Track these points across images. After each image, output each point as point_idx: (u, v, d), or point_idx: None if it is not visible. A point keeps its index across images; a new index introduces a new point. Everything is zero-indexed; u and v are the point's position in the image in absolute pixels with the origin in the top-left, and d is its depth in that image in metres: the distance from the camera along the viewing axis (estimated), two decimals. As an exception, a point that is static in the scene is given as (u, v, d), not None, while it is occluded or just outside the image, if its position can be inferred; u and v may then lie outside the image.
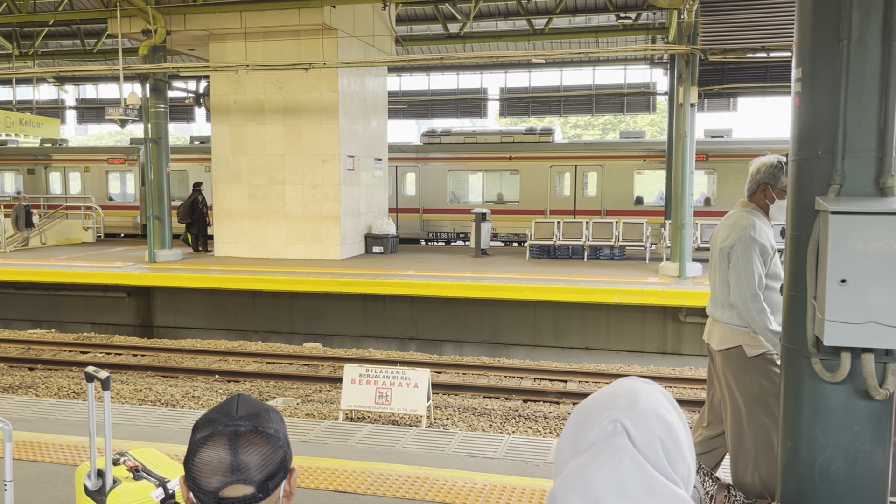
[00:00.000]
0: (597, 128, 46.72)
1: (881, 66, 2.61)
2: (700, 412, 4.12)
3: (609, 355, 12.11)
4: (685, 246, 12.41)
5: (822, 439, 2.75)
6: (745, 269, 3.48)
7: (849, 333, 2.55)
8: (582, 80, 19.32)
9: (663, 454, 1.04)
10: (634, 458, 1.02)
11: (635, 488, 1.01)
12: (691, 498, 3.10)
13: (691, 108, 12.06)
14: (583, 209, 18.85)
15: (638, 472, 1.01)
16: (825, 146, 2.70)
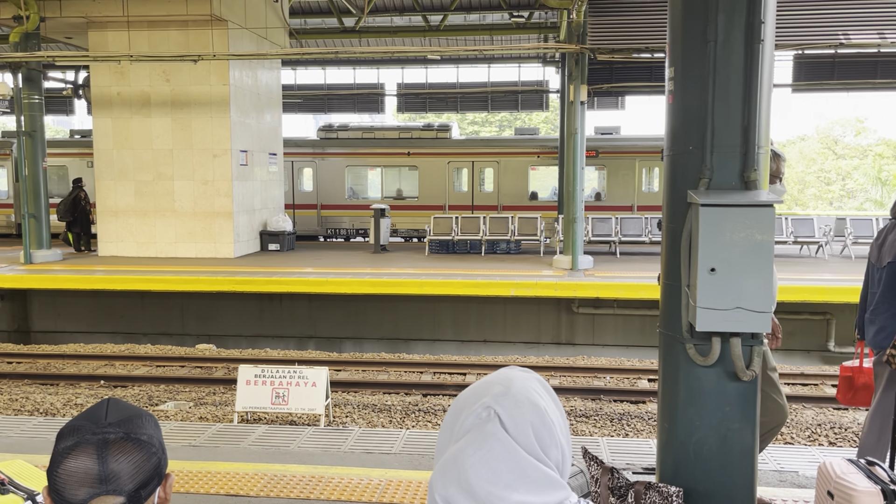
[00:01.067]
0: (493, 124, 47.44)
1: (745, 67, 2.77)
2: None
3: (507, 347, 12.35)
4: (577, 239, 12.80)
5: (697, 420, 2.90)
6: None
7: (718, 319, 2.71)
8: (478, 78, 19.58)
9: (535, 439, 1.06)
10: (506, 443, 1.04)
11: (506, 472, 1.03)
12: (578, 481, 3.20)
13: (581, 106, 12.44)
14: (480, 204, 19.12)
15: (509, 457, 1.04)
16: (695, 142, 2.84)
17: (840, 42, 11.08)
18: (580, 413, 8.72)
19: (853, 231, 14.28)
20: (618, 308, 11.86)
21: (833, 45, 11.49)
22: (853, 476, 2.81)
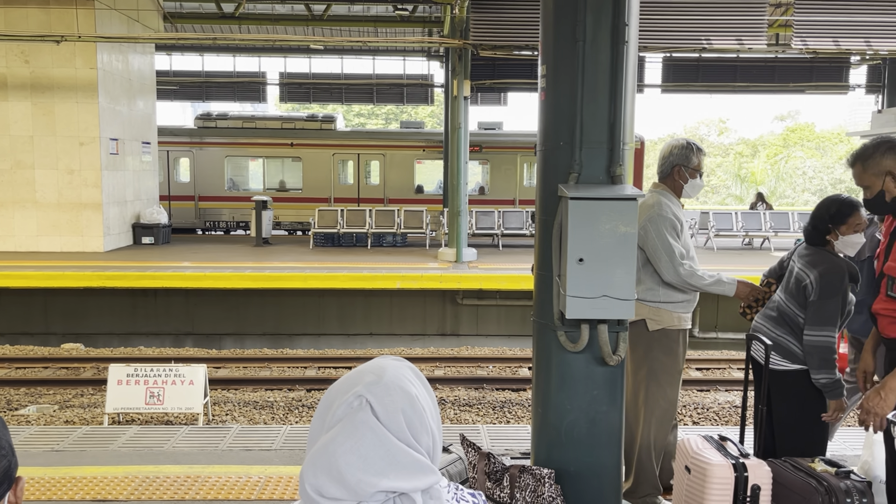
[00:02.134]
0: (380, 117, 47.29)
1: (611, 66, 2.91)
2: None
3: (393, 340, 12.39)
4: (461, 232, 13.00)
5: (568, 404, 3.03)
6: (662, 244, 3.56)
7: (586, 307, 2.84)
8: (363, 69, 19.38)
9: (406, 425, 1.09)
10: (377, 430, 1.06)
11: (377, 458, 1.05)
12: (457, 467, 3.25)
13: (465, 101, 12.62)
14: (366, 197, 19.03)
15: (380, 444, 1.05)
16: (566, 138, 2.96)
17: (703, 47, 11.82)
18: (463, 402, 8.88)
19: (716, 224, 15.28)
20: (500, 299, 12.15)
21: (697, 49, 12.24)
22: (708, 452, 3.02)
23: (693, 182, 3.72)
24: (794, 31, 11.55)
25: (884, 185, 2.66)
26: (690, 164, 3.71)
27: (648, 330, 3.65)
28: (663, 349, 3.65)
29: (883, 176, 2.65)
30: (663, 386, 3.66)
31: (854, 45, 11.73)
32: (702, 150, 3.78)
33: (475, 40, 11.69)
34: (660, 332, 3.64)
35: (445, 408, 8.70)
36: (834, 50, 12.01)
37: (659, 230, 3.56)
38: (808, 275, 3.26)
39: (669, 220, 3.58)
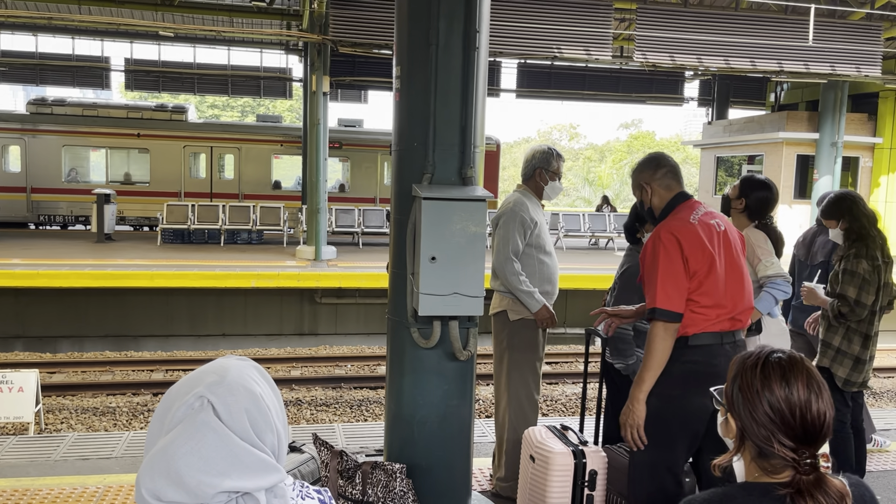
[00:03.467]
0: (236, 109, 45.69)
1: (463, 71, 3.00)
2: None
3: (247, 340, 12.03)
4: (320, 230, 12.84)
5: (420, 399, 3.09)
6: (503, 237, 3.77)
7: (438, 304, 2.91)
8: (218, 60, 18.61)
9: (250, 425, 1.08)
10: (219, 430, 1.05)
11: (219, 459, 1.03)
12: (309, 467, 3.21)
13: (324, 97, 12.47)
14: (220, 192, 18.31)
15: (222, 444, 1.04)
16: (420, 139, 3.02)
17: (555, 55, 12.38)
18: (321, 402, 8.79)
19: (565, 225, 16.03)
20: (360, 297, 12.12)
21: (549, 57, 12.80)
22: (551, 441, 3.19)
23: (552, 185, 3.95)
24: (636, 45, 12.37)
25: (641, 195, 2.93)
26: (550, 168, 3.93)
27: (510, 320, 3.80)
28: (524, 339, 3.81)
29: (639, 188, 2.92)
30: (525, 374, 3.82)
31: (688, 61, 12.73)
32: (561, 155, 4.02)
33: (335, 36, 11.58)
34: (520, 322, 3.78)
35: (302, 408, 8.57)
36: (670, 64, 12.97)
37: (507, 225, 3.77)
38: (617, 272, 3.64)
39: (520, 219, 3.76)
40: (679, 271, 2.65)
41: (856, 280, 3.74)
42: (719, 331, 2.69)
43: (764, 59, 12.68)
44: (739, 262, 2.78)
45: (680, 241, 2.65)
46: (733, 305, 2.71)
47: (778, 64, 12.75)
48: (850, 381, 3.88)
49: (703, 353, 2.67)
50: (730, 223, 2.85)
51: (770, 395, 1.34)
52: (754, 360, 1.41)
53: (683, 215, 2.74)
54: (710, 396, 2.47)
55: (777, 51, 12.63)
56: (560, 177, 3.98)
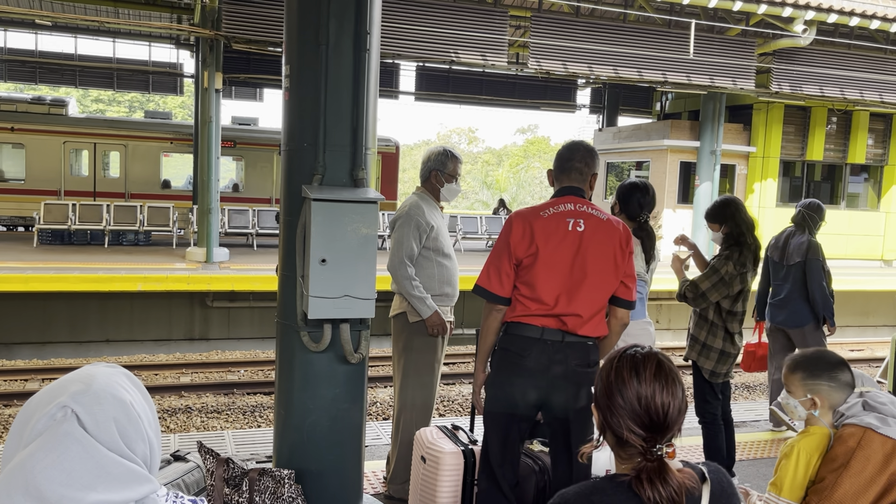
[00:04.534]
0: (123, 105, 43.58)
1: (354, 72, 2.98)
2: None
3: (134, 346, 11.49)
4: (212, 231, 12.43)
5: (310, 403, 3.05)
6: (397, 240, 3.74)
7: (328, 307, 2.88)
8: (102, 52, 17.68)
9: (119, 435, 1.04)
10: (84, 441, 1.00)
11: (84, 472, 0.99)
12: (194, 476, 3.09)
13: (217, 94, 12.09)
14: (104, 191, 17.38)
15: (87, 456, 1.00)
16: (310, 139, 2.98)
17: (452, 59, 12.52)
18: (212, 409, 8.51)
19: (463, 227, 16.23)
20: (254, 300, 11.82)
21: (447, 61, 12.93)
22: (441, 441, 3.22)
23: (449, 187, 3.94)
24: (531, 52, 12.69)
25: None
26: (446, 170, 3.92)
27: (409, 322, 3.80)
28: (422, 341, 3.82)
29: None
30: (422, 375, 3.82)
31: (579, 70, 13.18)
32: (458, 157, 4.01)
33: (228, 32, 11.25)
34: (419, 323, 3.79)
35: (192, 416, 8.27)
36: (563, 72, 13.38)
37: (402, 228, 3.77)
38: None
39: (415, 222, 3.76)
40: (503, 255, 2.75)
41: (714, 277, 4.03)
42: (541, 326, 2.69)
43: (650, 70, 13.29)
44: (590, 268, 2.70)
45: (513, 227, 2.75)
46: (561, 306, 2.67)
47: (662, 75, 13.41)
48: (716, 372, 4.16)
49: (516, 344, 2.72)
50: (607, 229, 2.76)
51: (622, 386, 1.45)
52: (613, 355, 1.53)
53: (542, 206, 2.81)
54: (518, 388, 2.65)
55: (662, 62, 13.28)
56: (457, 179, 3.97)
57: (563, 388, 2.70)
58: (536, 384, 2.70)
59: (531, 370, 2.69)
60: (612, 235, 2.78)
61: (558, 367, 2.69)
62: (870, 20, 12.99)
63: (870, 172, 17.35)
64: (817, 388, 2.33)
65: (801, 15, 12.61)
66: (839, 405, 2.31)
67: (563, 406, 2.71)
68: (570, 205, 2.79)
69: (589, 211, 2.80)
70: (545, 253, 2.69)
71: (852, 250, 16.93)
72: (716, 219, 4.23)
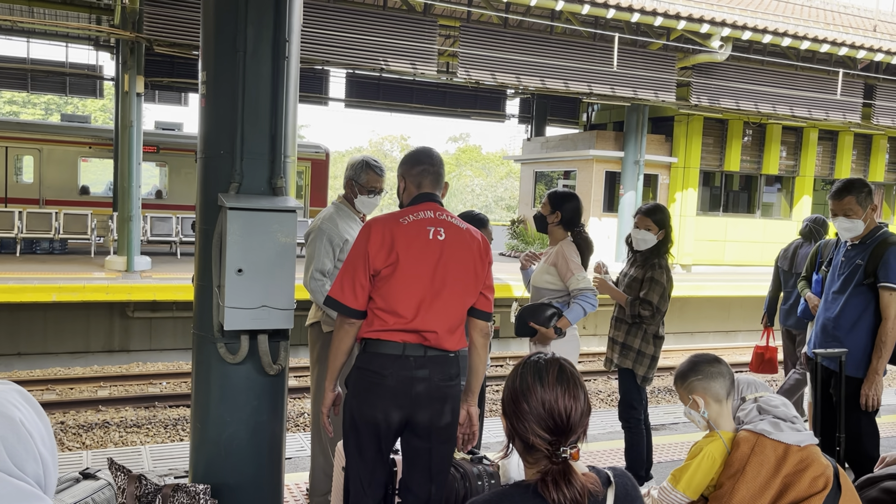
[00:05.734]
0: (39, 107, 41.78)
1: (272, 79, 2.95)
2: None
3: (48, 359, 11.00)
4: (133, 239, 12.03)
5: (228, 416, 2.99)
6: (309, 254, 3.68)
7: (246, 318, 2.83)
8: (15, 52, 16.91)
9: (6, 453, 1.00)
10: None
11: None
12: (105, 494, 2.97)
13: (138, 98, 11.74)
14: (17, 197, 16.59)
15: None
16: (227, 147, 2.92)
17: (382, 67, 12.51)
18: (131, 423, 8.22)
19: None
20: (177, 310, 11.48)
21: (376, 69, 12.91)
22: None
23: (362, 198, 3.80)
24: (460, 61, 12.80)
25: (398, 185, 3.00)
26: (359, 181, 3.79)
27: (323, 332, 3.72)
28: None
29: (398, 178, 2.97)
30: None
31: (508, 80, 13.37)
32: (376, 168, 3.81)
33: (150, 34, 10.94)
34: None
35: (110, 431, 7.97)
36: (492, 82, 13.55)
37: (314, 242, 3.69)
38: None
39: (327, 236, 3.67)
40: (358, 265, 2.57)
41: (658, 288, 4.14)
42: (401, 341, 2.56)
43: (576, 81, 13.60)
44: (451, 279, 2.61)
45: (371, 236, 2.57)
46: (419, 320, 2.55)
47: (588, 86, 13.73)
48: (647, 377, 4.27)
49: (375, 362, 2.57)
50: (466, 238, 2.69)
51: (527, 392, 1.48)
52: (519, 364, 1.56)
53: (401, 213, 2.66)
54: (380, 409, 2.56)
55: (587, 74, 13.60)
56: (374, 191, 3.80)
57: (428, 405, 2.59)
58: (400, 403, 2.57)
59: (394, 389, 2.56)
60: (472, 245, 2.69)
61: (421, 384, 2.57)
62: (781, 37, 13.64)
63: (782, 183, 18.19)
64: (691, 387, 2.43)
65: (717, 31, 13.14)
66: (723, 396, 2.40)
67: (426, 424, 2.60)
68: (429, 212, 2.66)
69: (449, 220, 2.69)
70: (405, 263, 2.54)
71: (767, 257, 17.68)
72: (660, 223, 4.25)
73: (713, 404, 2.40)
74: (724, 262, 17.32)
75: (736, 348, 14.08)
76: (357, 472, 2.67)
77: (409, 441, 2.68)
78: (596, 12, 12.50)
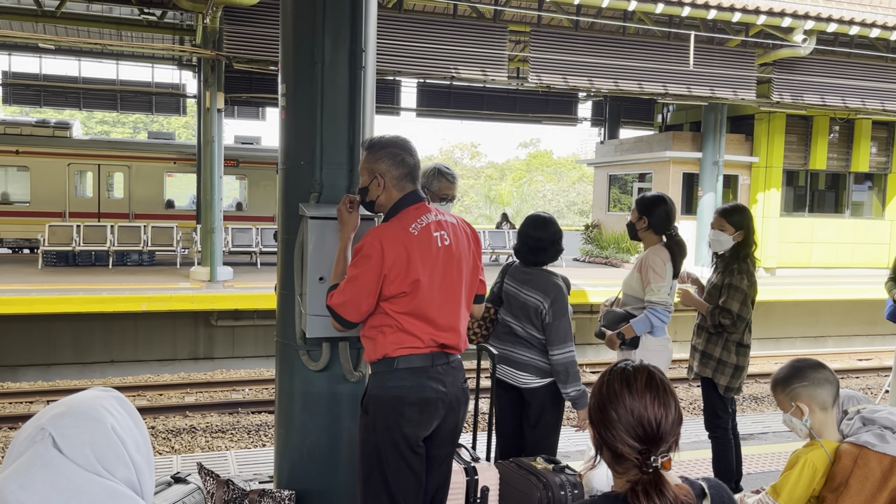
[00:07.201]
0: (127, 126, 43.87)
1: (350, 89, 2.99)
2: None
3: (138, 366, 11.47)
4: (216, 250, 12.45)
5: (310, 423, 3.03)
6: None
7: (327, 326, 2.84)
8: (106, 74, 17.86)
9: (95, 457, 1.03)
10: (56, 463, 1.00)
11: (56, 493, 1.00)
12: (195, 498, 3.07)
13: (218, 114, 12.16)
14: (109, 212, 17.45)
15: (60, 477, 1.00)
16: (307, 157, 2.98)
17: (452, 76, 12.57)
18: (216, 428, 8.48)
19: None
20: (258, 319, 11.80)
21: (447, 77, 12.98)
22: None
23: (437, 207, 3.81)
24: (531, 66, 12.73)
25: (368, 182, 2.67)
26: (432, 189, 3.80)
27: None
28: None
29: (370, 175, 2.70)
30: None
31: (580, 83, 13.21)
32: (448, 175, 3.74)
33: (229, 52, 11.32)
34: None
35: (196, 436, 8.24)
36: (563, 86, 13.42)
37: None
38: (541, 301, 3.50)
39: None
40: (371, 288, 2.45)
41: (739, 295, 3.95)
42: (430, 353, 2.53)
43: (650, 82, 13.32)
44: (459, 282, 2.60)
45: (385, 255, 2.43)
46: (442, 330, 2.55)
47: (663, 87, 13.43)
48: (730, 387, 4.08)
49: (411, 378, 2.51)
50: (462, 235, 2.65)
51: (614, 400, 1.44)
52: (606, 371, 1.52)
53: (405, 222, 2.51)
54: (421, 423, 2.51)
55: (662, 74, 13.31)
56: (446, 198, 3.71)
57: (457, 410, 2.62)
58: (438, 414, 2.55)
59: (433, 402, 2.53)
60: (468, 240, 2.68)
61: (452, 391, 2.58)
62: (870, 28, 13.00)
63: (873, 180, 17.31)
64: (795, 394, 2.31)
65: (800, 25, 12.64)
66: (829, 403, 2.27)
67: (452, 430, 2.62)
68: (429, 215, 2.57)
69: (445, 219, 2.62)
70: (424, 279, 2.48)
71: (858, 259, 16.86)
72: (737, 225, 4.07)
73: (818, 412, 2.27)
74: (810, 264, 16.59)
75: (826, 355, 13.44)
76: (394, 493, 2.54)
77: (435, 456, 2.63)
78: (670, 11, 12.22)
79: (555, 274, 3.61)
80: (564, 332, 3.46)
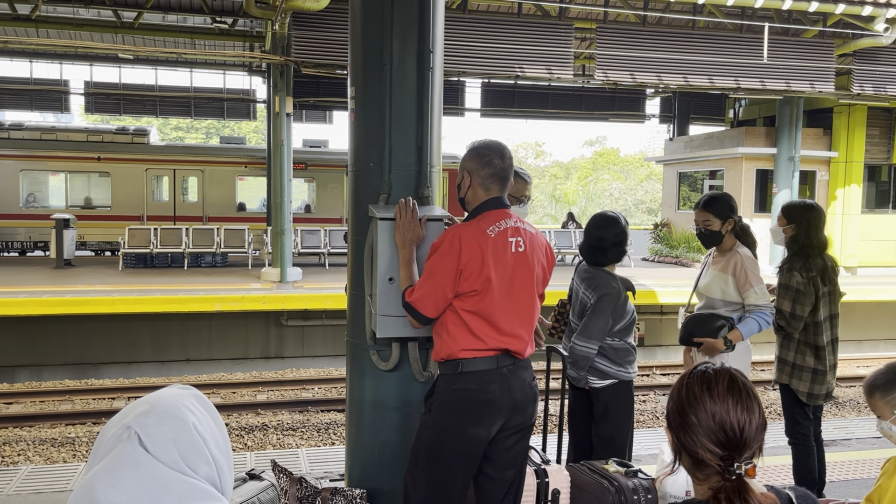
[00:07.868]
0: (200, 131, 45.32)
1: (418, 91, 3.00)
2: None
3: (212, 365, 11.82)
4: (286, 252, 12.72)
5: (380, 422, 3.06)
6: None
7: (396, 326, 2.88)
8: (180, 81, 18.47)
9: (179, 455, 1.05)
10: (142, 461, 1.02)
11: (143, 491, 1.01)
12: (269, 495, 3.13)
13: (288, 118, 12.42)
14: (183, 215, 18.08)
15: (147, 475, 1.02)
16: (375, 159, 3.00)
17: (517, 75, 12.50)
18: (287, 426, 8.66)
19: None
20: (327, 319, 12.00)
21: (512, 76, 12.92)
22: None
23: (513, 208, 3.78)
24: (597, 63, 12.55)
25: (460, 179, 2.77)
26: (511, 191, 3.78)
27: None
28: None
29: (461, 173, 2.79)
30: None
31: (647, 79, 12.95)
32: (525, 176, 3.75)
33: (297, 57, 11.56)
34: None
35: (268, 433, 8.44)
36: (631, 82, 13.18)
37: None
38: (589, 297, 3.50)
39: None
40: (448, 282, 2.50)
41: (790, 293, 3.80)
42: (494, 355, 2.57)
43: (721, 77, 12.94)
44: (529, 289, 2.65)
45: (462, 252, 2.50)
46: (509, 334, 2.58)
47: (735, 81, 13.03)
48: (814, 394, 3.90)
49: (476, 380, 2.55)
50: (538, 246, 2.69)
51: (694, 404, 1.40)
52: (684, 374, 1.47)
53: (484, 224, 2.59)
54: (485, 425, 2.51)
55: (734, 68, 12.91)
56: (522, 199, 3.71)
57: (523, 410, 2.64)
58: (502, 415, 2.58)
59: (497, 403, 2.56)
60: (543, 251, 2.75)
61: (519, 392, 2.61)
62: (958, 14, 12.31)
63: (964, 174, 16.40)
64: None
65: (881, 13, 12.06)
66: None
67: (520, 423, 2.65)
68: (509, 221, 2.64)
69: (524, 227, 2.69)
70: (496, 280, 2.54)
71: (948, 257, 15.98)
72: (789, 217, 3.97)
73: None
74: (894, 263, 15.82)
75: (913, 358, 12.78)
76: (446, 495, 2.60)
77: (500, 444, 2.63)
78: (742, 2, 11.85)
79: (614, 276, 3.54)
80: (594, 330, 3.44)
